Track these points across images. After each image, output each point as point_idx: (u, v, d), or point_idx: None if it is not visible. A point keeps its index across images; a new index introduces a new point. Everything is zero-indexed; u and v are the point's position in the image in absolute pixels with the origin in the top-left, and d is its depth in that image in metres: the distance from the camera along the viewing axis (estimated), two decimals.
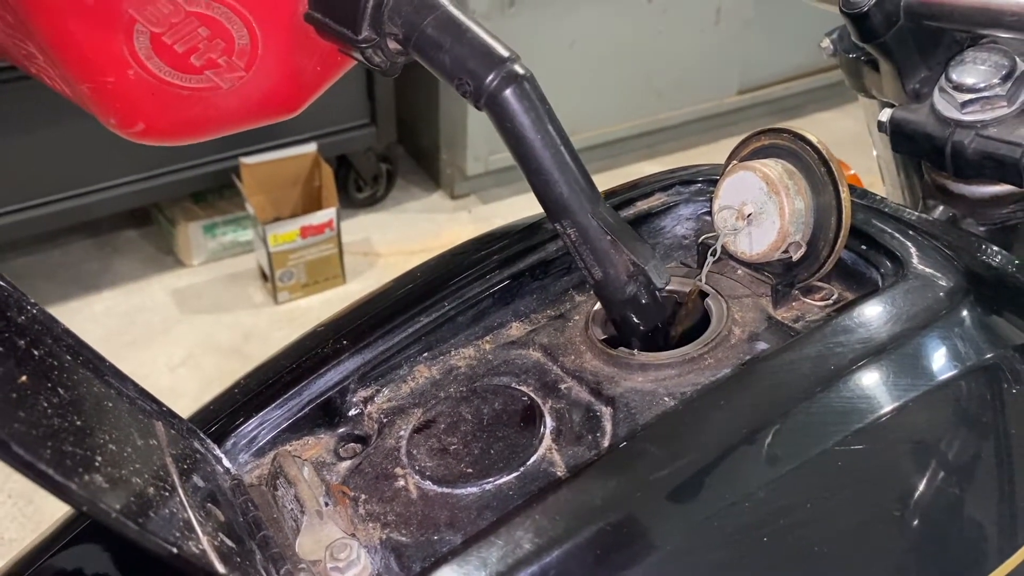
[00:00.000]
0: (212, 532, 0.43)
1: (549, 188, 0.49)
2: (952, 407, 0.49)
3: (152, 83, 0.53)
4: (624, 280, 0.51)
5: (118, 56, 0.51)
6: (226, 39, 0.53)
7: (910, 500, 0.46)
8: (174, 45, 0.52)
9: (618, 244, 0.50)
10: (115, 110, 0.54)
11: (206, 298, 2.44)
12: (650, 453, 0.45)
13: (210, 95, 0.55)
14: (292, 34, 0.54)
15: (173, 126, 0.56)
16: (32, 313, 0.43)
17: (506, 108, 0.48)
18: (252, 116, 0.58)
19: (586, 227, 0.49)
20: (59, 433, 0.37)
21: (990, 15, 0.63)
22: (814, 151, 0.55)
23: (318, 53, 0.56)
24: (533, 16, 2.56)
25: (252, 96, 0.56)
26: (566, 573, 0.41)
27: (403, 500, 0.49)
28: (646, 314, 0.53)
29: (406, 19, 0.50)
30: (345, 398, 0.56)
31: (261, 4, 0.53)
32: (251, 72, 0.55)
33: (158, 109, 0.54)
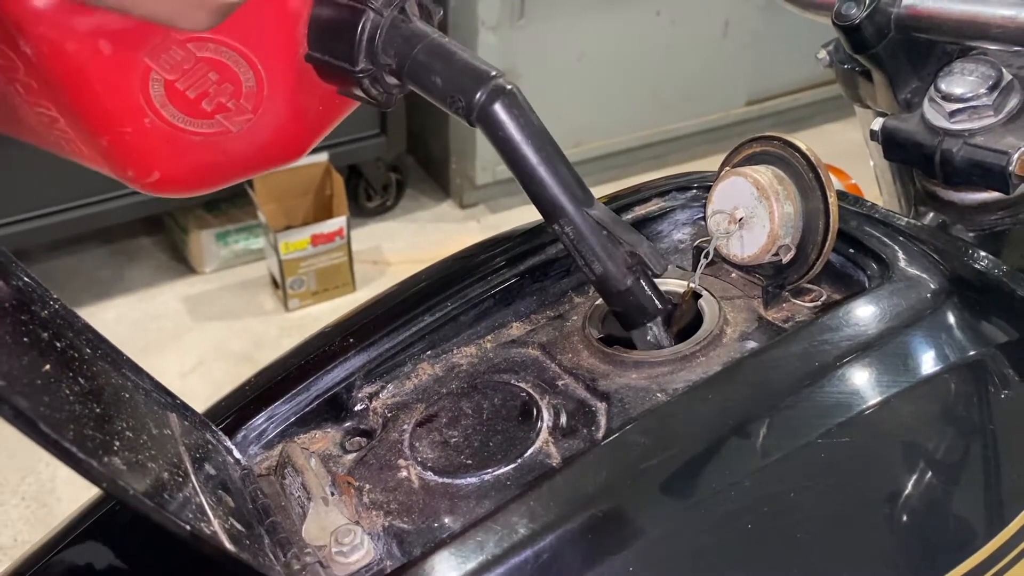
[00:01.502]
0: (223, 516, 0.45)
1: (543, 191, 0.52)
2: (933, 403, 0.51)
3: (166, 130, 0.55)
4: (623, 271, 0.53)
5: (135, 105, 0.54)
6: (234, 82, 0.55)
7: (890, 491, 0.48)
8: (186, 91, 0.54)
9: (614, 237, 0.52)
10: (132, 161, 0.56)
11: (217, 305, 2.47)
12: (640, 444, 0.47)
13: (221, 140, 0.57)
14: (295, 75, 0.57)
15: (186, 173, 0.58)
16: (55, 308, 0.46)
17: (496, 120, 0.51)
18: (260, 162, 0.60)
19: (581, 224, 0.52)
20: (80, 418, 0.39)
21: (977, 27, 0.65)
22: (803, 158, 0.58)
23: (320, 94, 0.59)
24: (542, 28, 2.59)
25: (260, 139, 0.58)
26: (559, 557, 0.43)
27: (405, 489, 0.51)
28: (646, 303, 0.55)
29: (398, 49, 0.53)
30: (351, 394, 0.59)
31: (265, 46, 0.55)
32: (258, 114, 0.57)
33: (172, 157, 0.56)
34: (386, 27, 0.54)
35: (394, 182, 2.76)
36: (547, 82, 2.65)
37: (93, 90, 0.52)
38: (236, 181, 0.61)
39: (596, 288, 0.55)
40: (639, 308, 0.55)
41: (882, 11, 0.68)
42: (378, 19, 0.54)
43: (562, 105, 2.71)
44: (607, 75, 2.78)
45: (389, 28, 0.54)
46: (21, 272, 0.44)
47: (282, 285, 2.41)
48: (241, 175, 0.61)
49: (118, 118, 0.54)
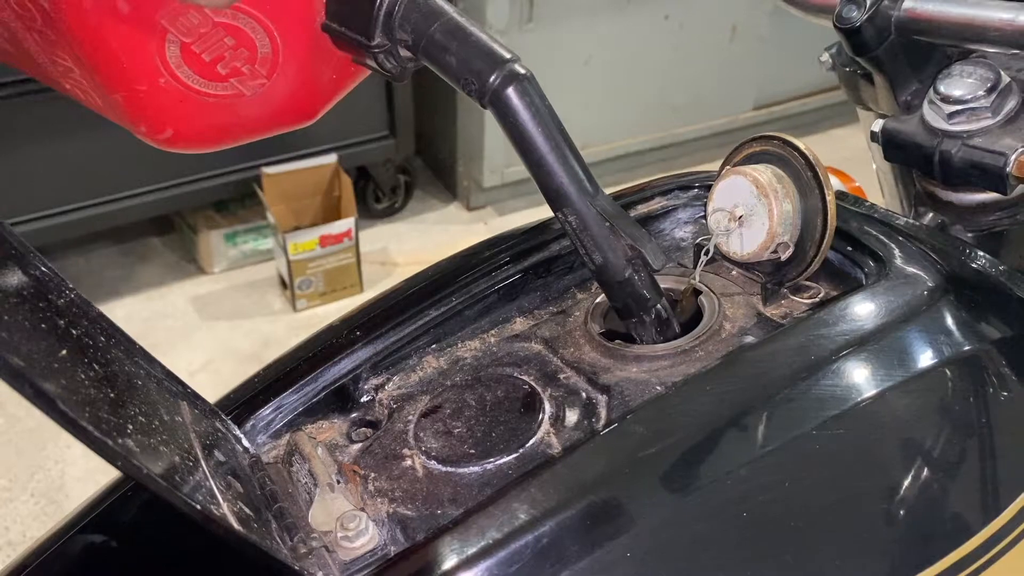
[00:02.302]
0: (232, 500, 0.46)
1: (550, 178, 0.53)
2: (927, 397, 0.52)
3: (181, 91, 0.56)
4: (623, 263, 0.54)
5: (151, 65, 0.54)
6: (250, 48, 0.56)
7: (883, 481, 0.49)
8: (202, 54, 0.55)
9: (616, 229, 0.53)
10: (146, 118, 0.57)
11: (226, 305, 2.49)
12: (638, 433, 0.49)
13: (234, 102, 0.58)
14: (310, 43, 0.57)
15: (199, 133, 0.59)
16: (71, 297, 0.47)
17: (509, 104, 0.52)
18: (272, 124, 0.61)
19: (585, 214, 0.53)
20: (95, 402, 0.40)
21: (975, 30, 0.66)
22: (802, 157, 0.59)
23: (333, 62, 0.60)
24: (550, 32, 2.60)
25: (272, 104, 0.59)
26: (558, 542, 0.44)
27: (409, 478, 0.53)
28: (644, 296, 0.56)
29: (415, 26, 0.53)
30: (358, 385, 0.60)
31: (283, 15, 0.56)
32: (272, 80, 0.58)
33: (185, 116, 0.57)
34: (404, 2, 0.54)
35: (402, 184, 2.77)
36: (555, 85, 2.66)
37: (109, 48, 0.53)
38: (246, 141, 0.61)
39: (595, 278, 0.56)
40: (636, 299, 0.56)
41: (882, 14, 0.69)
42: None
43: (570, 108, 2.72)
44: (615, 78, 2.80)
45: (407, 3, 0.54)
46: (39, 262, 0.46)
47: (290, 285, 2.43)
48: (252, 136, 0.61)
49: (133, 76, 0.55)
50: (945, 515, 0.49)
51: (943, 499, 0.49)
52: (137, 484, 0.55)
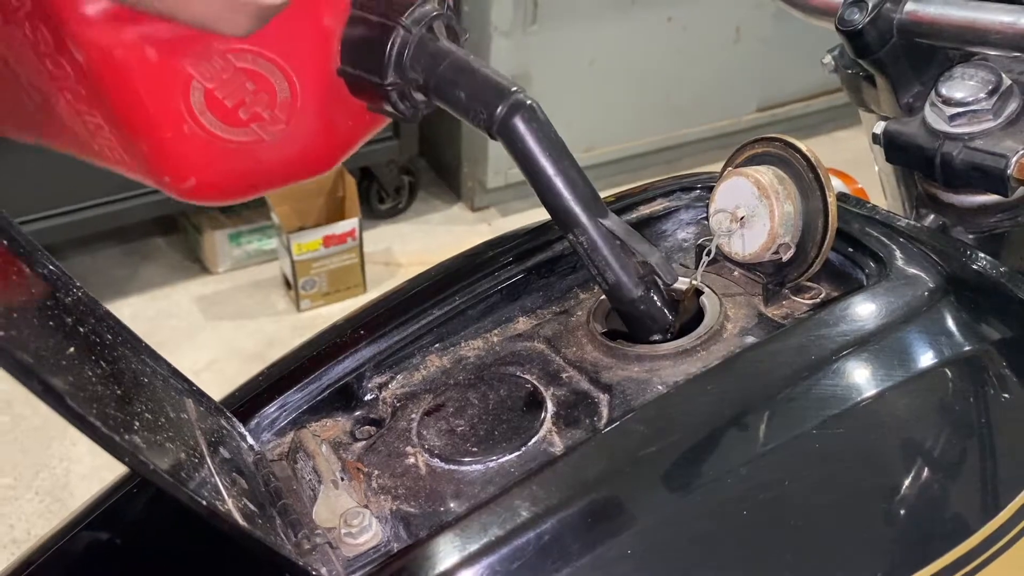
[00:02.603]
0: (237, 496, 0.47)
1: (560, 201, 0.54)
2: (926, 397, 0.52)
3: (204, 137, 0.57)
4: (635, 281, 0.55)
5: (176, 112, 0.56)
6: (269, 92, 0.57)
7: (882, 480, 0.50)
8: (224, 100, 0.56)
9: (627, 247, 0.54)
10: (170, 166, 0.58)
11: (230, 305, 2.49)
12: (639, 432, 0.49)
13: (255, 148, 0.59)
14: (327, 89, 0.59)
15: (221, 181, 0.60)
16: (78, 295, 0.48)
17: (516, 133, 0.54)
18: (291, 172, 0.62)
19: (595, 234, 0.54)
20: (102, 398, 0.41)
21: (976, 33, 0.66)
22: (803, 158, 0.59)
23: (350, 110, 0.61)
24: (554, 34, 2.61)
25: (291, 149, 0.60)
26: (559, 539, 0.45)
27: (413, 475, 0.53)
28: (657, 312, 0.57)
29: (425, 65, 0.56)
30: (361, 384, 0.60)
31: (300, 59, 0.57)
32: (291, 124, 0.59)
33: (208, 164, 0.59)
34: (414, 44, 0.56)
35: (406, 185, 2.78)
36: (559, 87, 2.67)
37: (138, 96, 0.55)
38: (267, 191, 0.63)
39: (608, 297, 0.57)
40: (650, 318, 0.57)
41: (884, 17, 0.69)
42: (407, 36, 0.56)
43: (573, 110, 2.72)
44: (618, 80, 2.80)
45: (417, 45, 0.56)
46: (46, 260, 0.46)
47: (294, 285, 2.43)
48: (272, 185, 0.63)
49: (160, 123, 0.56)
50: (943, 514, 0.49)
51: (942, 498, 0.49)
52: (142, 481, 0.56)
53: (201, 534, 0.53)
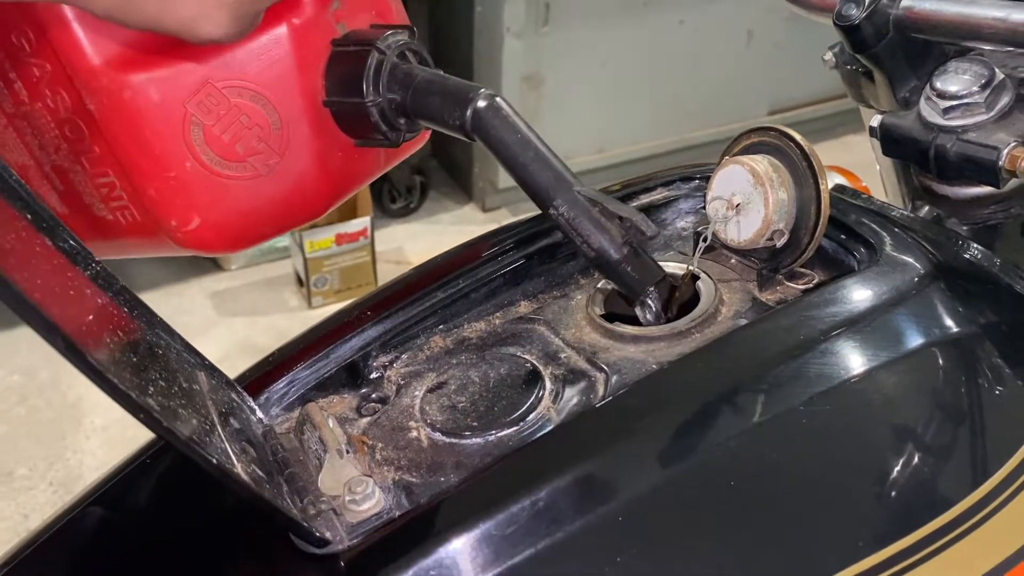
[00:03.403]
0: (246, 463, 0.49)
1: (536, 178, 0.57)
2: (911, 377, 0.54)
3: (205, 174, 0.60)
4: (619, 241, 0.57)
5: (179, 150, 0.59)
6: (263, 126, 0.61)
7: (866, 455, 0.51)
8: (222, 135, 0.60)
9: (606, 208, 0.56)
10: (175, 208, 0.61)
11: (243, 301, 2.52)
12: (632, 406, 0.51)
13: (254, 185, 0.62)
14: (315, 120, 0.62)
15: (224, 220, 0.63)
16: (96, 269, 0.50)
17: (488, 123, 0.57)
18: (290, 213, 0.65)
19: (574, 200, 0.56)
20: (119, 363, 0.43)
21: (970, 28, 0.68)
22: (797, 147, 0.61)
23: (341, 146, 0.65)
24: (566, 35, 2.63)
25: (288, 185, 0.63)
26: (553, 506, 0.47)
27: (415, 448, 0.55)
28: (646, 266, 0.58)
29: (401, 82, 0.61)
30: (368, 362, 0.63)
31: (287, 92, 0.61)
32: (285, 157, 0.62)
33: (210, 201, 0.61)
34: (389, 65, 0.61)
35: (418, 185, 2.80)
36: (571, 88, 2.69)
37: (144, 136, 0.59)
38: (270, 236, 0.66)
39: (595, 265, 0.58)
40: (640, 273, 0.58)
41: (881, 12, 0.71)
42: (383, 57, 0.61)
43: (585, 111, 2.74)
44: (630, 82, 2.82)
45: (392, 66, 0.61)
46: (68, 235, 0.49)
47: (306, 283, 2.46)
48: (275, 228, 0.65)
49: (165, 163, 0.60)
50: (923, 487, 0.51)
51: (922, 472, 0.51)
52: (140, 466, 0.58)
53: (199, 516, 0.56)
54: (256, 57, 0.60)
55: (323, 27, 0.62)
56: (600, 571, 0.46)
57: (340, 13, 0.63)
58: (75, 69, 0.58)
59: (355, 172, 0.68)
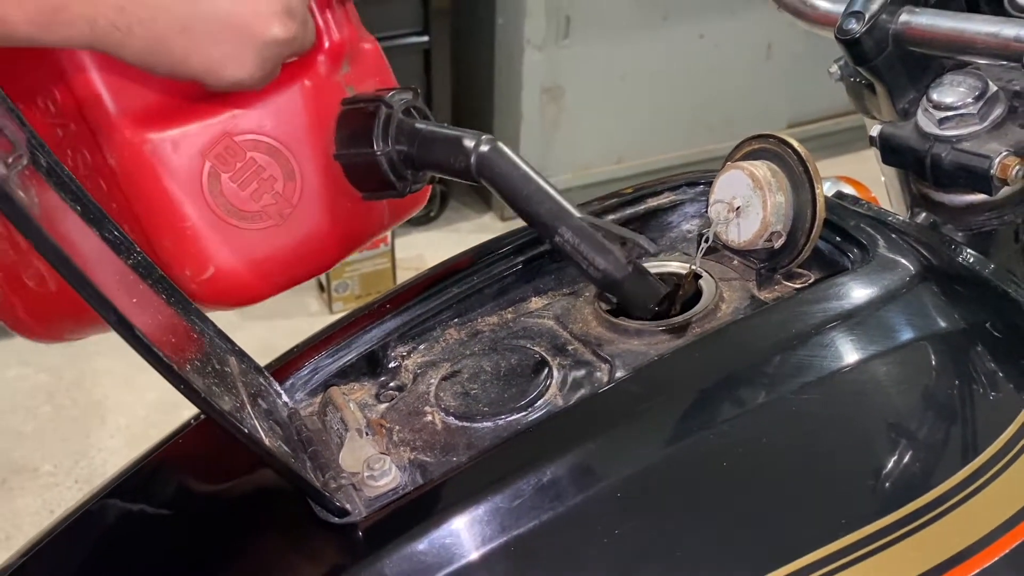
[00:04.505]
0: (273, 439, 0.53)
1: (542, 208, 0.60)
2: (895, 369, 0.57)
3: (220, 224, 0.63)
4: (623, 262, 0.59)
5: (196, 201, 0.62)
6: (277, 176, 0.64)
7: (851, 440, 0.55)
8: (238, 185, 0.63)
9: (608, 232, 0.59)
10: (189, 257, 0.63)
11: (265, 306, 2.52)
12: (632, 391, 0.55)
13: (267, 235, 0.65)
14: (327, 172, 0.66)
15: (238, 269, 0.65)
16: (139, 258, 0.54)
17: (493, 165, 0.61)
18: (304, 263, 0.68)
19: (578, 227, 0.59)
20: (160, 341, 0.47)
21: (963, 43, 0.71)
22: (795, 154, 0.64)
23: (352, 197, 0.67)
24: (586, 48, 2.66)
25: (301, 235, 0.66)
26: (556, 481, 0.51)
27: (429, 431, 0.59)
28: (649, 284, 0.60)
29: (408, 135, 0.64)
30: (387, 352, 0.67)
31: (301, 143, 0.64)
32: (299, 207, 0.65)
33: (224, 251, 0.64)
34: (397, 119, 0.64)
35: (438, 193, 2.85)
36: (590, 100, 2.73)
37: (164, 189, 0.61)
38: (281, 287, 0.68)
39: (601, 285, 0.60)
40: (644, 291, 0.60)
41: (880, 27, 0.74)
42: (391, 112, 0.64)
43: (605, 122, 2.78)
44: (650, 94, 2.85)
45: (399, 121, 0.65)
46: (112, 226, 0.53)
47: (327, 288, 2.51)
48: (286, 278, 0.68)
49: (182, 214, 0.62)
50: (903, 472, 0.54)
51: (902, 458, 0.54)
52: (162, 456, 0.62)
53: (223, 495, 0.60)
54: (273, 112, 0.63)
55: (334, 87, 0.66)
56: (599, 542, 0.49)
57: (349, 77, 0.67)
58: (99, 125, 0.60)
59: (362, 227, 0.71)
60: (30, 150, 0.46)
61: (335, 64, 0.66)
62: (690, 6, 2.75)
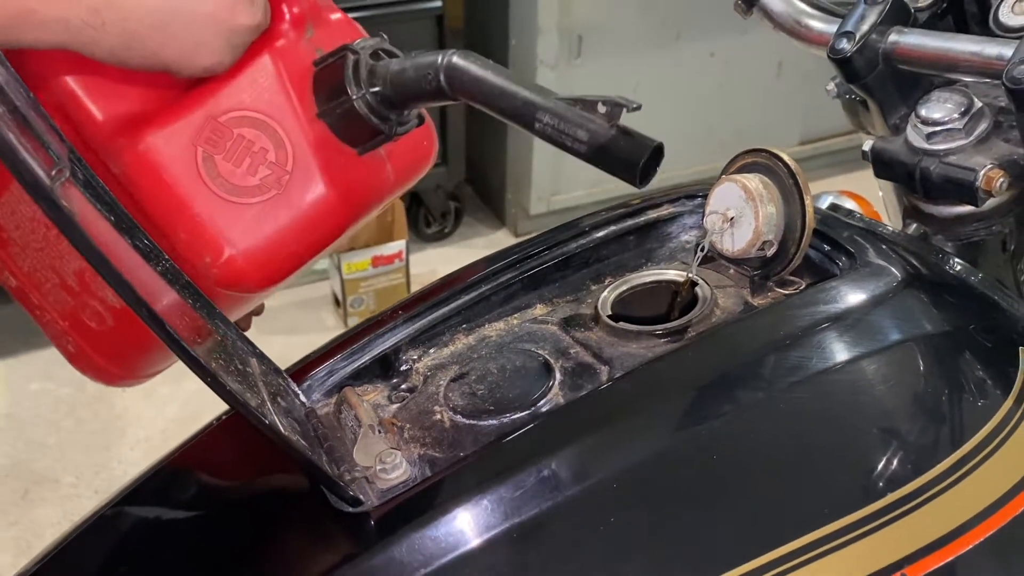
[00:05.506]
0: (292, 433, 0.56)
1: (517, 99, 0.59)
2: (878, 369, 0.60)
3: (224, 204, 0.65)
4: (605, 124, 0.57)
5: (198, 188, 0.64)
6: (267, 147, 0.66)
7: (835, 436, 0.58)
8: (231, 163, 0.65)
9: (585, 103, 0.57)
10: (205, 244, 0.65)
11: (282, 320, 2.61)
12: (628, 390, 0.58)
13: (270, 205, 0.66)
14: (313, 133, 0.67)
15: (252, 245, 0.66)
16: (167, 265, 0.58)
17: (462, 73, 0.61)
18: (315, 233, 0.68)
19: (555, 106, 0.58)
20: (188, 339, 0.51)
21: (948, 61, 0.74)
22: (785, 167, 0.68)
23: (345, 158, 0.68)
24: (598, 66, 2.70)
25: (304, 202, 0.67)
26: (555, 473, 0.54)
27: (438, 429, 0.63)
28: (636, 143, 0.57)
29: (379, 73, 0.65)
30: (399, 356, 0.70)
31: (283, 111, 0.66)
32: (295, 172, 0.66)
33: (235, 229, 0.65)
34: (366, 62, 0.65)
35: (453, 210, 2.89)
36: None
37: (165, 183, 0.64)
38: (298, 260, 0.69)
39: (589, 158, 0.58)
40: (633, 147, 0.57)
41: (870, 46, 0.78)
42: (358, 57, 0.65)
43: None
44: (661, 112, 2.87)
45: (369, 65, 0.66)
46: (143, 235, 0.57)
47: (343, 303, 2.54)
48: (301, 248, 0.69)
49: (188, 203, 0.64)
50: (887, 463, 0.57)
51: (887, 450, 0.57)
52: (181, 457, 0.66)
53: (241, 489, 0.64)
54: (248, 86, 0.65)
55: (302, 50, 0.67)
56: (595, 529, 0.53)
57: (315, 40, 0.68)
58: (93, 137, 0.63)
59: (367, 188, 0.72)
60: (71, 164, 0.50)
61: (299, 30, 0.67)
62: (701, 25, 2.78)
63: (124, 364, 0.75)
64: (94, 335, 0.71)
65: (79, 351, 0.73)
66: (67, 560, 0.64)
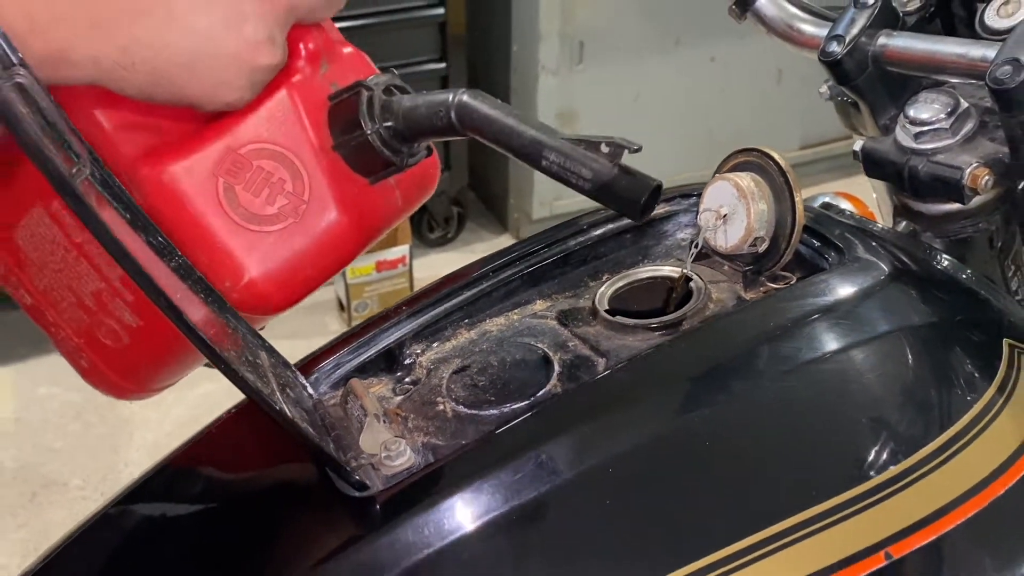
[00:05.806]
0: (300, 421, 0.59)
1: (524, 138, 0.61)
2: (868, 359, 0.63)
3: (244, 232, 0.67)
4: (608, 164, 0.59)
5: (219, 217, 0.66)
6: (284, 177, 0.68)
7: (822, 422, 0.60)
8: (251, 193, 0.67)
9: (589, 143, 0.60)
10: (225, 270, 0.67)
11: (287, 324, 2.62)
12: (624, 379, 0.61)
13: (288, 232, 0.68)
14: (328, 163, 0.69)
15: (271, 269, 0.67)
16: (180, 261, 0.60)
17: (472, 111, 0.63)
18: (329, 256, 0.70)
19: (561, 145, 0.60)
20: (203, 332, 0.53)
21: (935, 63, 0.76)
22: (776, 165, 0.70)
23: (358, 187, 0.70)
24: (600, 72, 2.73)
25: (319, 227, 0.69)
26: (552, 459, 0.56)
27: (441, 419, 0.65)
28: (637, 182, 0.59)
29: (392, 110, 0.67)
30: (403, 350, 0.73)
31: (299, 144, 0.68)
32: (311, 201, 0.68)
33: (254, 255, 0.67)
34: (379, 99, 0.67)
35: (456, 215, 2.92)
36: (604, 123, 2.79)
37: (187, 211, 0.66)
38: (314, 282, 0.70)
39: (592, 195, 0.60)
40: (634, 185, 0.59)
41: (860, 49, 0.80)
42: (372, 93, 0.67)
43: None
44: (662, 117, 2.90)
45: (382, 100, 0.67)
46: (157, 232, 0.59)
47: (347, 308, 2.57)
48: (316, 271, 0.70)
49: (209, 231, 0.66)
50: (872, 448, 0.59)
51: (873, 435, 0.59)
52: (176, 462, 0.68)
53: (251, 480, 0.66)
54: (266, 119, 0.67)
55: (317, 85, 0.70)
56: (591, 513, 0.55)
57: (329, 75, 0.71)
58: (121, 167, 0.65)
59: (377, 214, 0.74)
60: (90, 163, 0.52)
61: (314, 66, 0.70)
62: (701, 30, 2.81)
63: (137, 380, 0.77)
64: (109, 352, 0.74)
65: (93, 367, 0.76)
66: (77, 552, 0.67)
